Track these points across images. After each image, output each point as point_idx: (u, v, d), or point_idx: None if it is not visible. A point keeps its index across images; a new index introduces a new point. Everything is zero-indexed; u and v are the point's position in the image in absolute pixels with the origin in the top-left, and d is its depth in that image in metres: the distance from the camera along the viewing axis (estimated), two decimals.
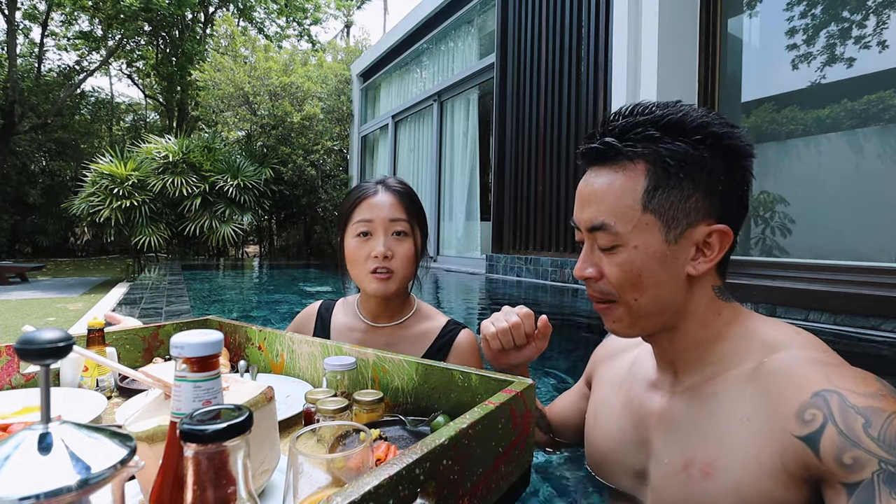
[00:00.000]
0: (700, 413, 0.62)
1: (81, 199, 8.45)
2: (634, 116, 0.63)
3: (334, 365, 0.82)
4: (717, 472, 0.57)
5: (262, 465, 0.56)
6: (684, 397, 0.66)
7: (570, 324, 3.05)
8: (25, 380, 0.98)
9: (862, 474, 0.47)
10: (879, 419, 0.48)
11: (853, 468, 0.47)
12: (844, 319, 2.59)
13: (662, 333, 0.66)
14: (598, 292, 0.66)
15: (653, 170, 0.60)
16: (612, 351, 0.88)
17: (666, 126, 0.60)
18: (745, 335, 0.63)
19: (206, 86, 10.79)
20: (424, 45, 8.08)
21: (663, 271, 0.61)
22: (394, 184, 1.11)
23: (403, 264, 1.06)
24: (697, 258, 0.62)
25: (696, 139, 0.60)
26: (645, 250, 0.61)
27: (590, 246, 0.65)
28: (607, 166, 0.64)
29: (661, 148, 0.60)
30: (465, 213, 7.03)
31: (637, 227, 0.61)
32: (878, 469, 0.46)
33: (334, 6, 18.43)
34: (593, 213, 0.63)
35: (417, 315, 1.17)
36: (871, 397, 0.50)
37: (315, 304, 1.26)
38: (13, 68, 14.22)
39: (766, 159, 3.48)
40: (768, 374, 0.57)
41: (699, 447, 0.60)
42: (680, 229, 0.61)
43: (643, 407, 0.71)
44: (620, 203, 0.61)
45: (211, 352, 0.42)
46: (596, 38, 4.43)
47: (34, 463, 0.31)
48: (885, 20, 2.87)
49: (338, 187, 10.97)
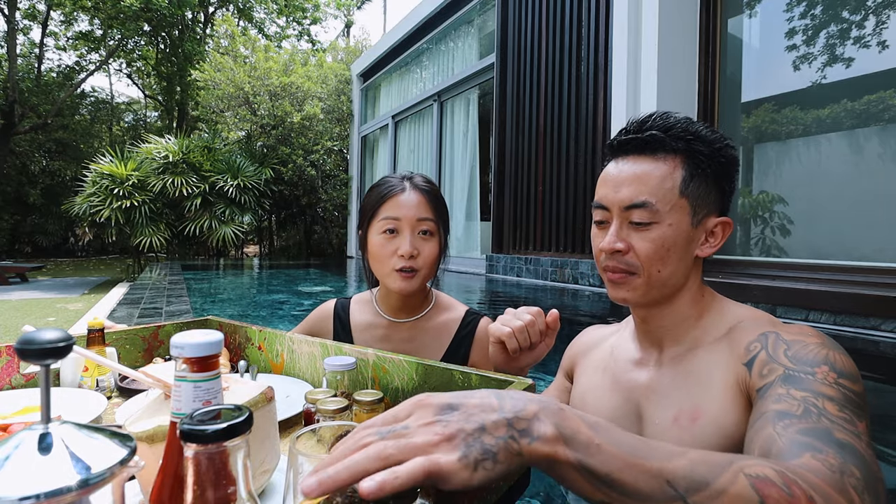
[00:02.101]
0: (683, 375, 0.73)
1: (82, 200, 8.46)
2: (667, 120, 0.75)
3: (334, 365, 0.82)
4: (702, 416, 0.68)
5: (262, 465, 0.56)
6: (669, 366, 0.76)
7: (570, 323, 3.05)
8: (25, 380, 0.98)
9: (771, 378, 0.59)
10: (797, 346, 0.62)
11: (767, 377, 0.60)
12: (844, 319, 2.59)
13: (661, 306, 0.77)
14: (622, 264, 0.74)
15: (688, 164, 0.72)
16: (589, 342, 0.95)
17: (695, 133, 0.73)
18: (721, 312, 0.76)
19: (206, 86, 10.80)
20: (424, 46, 8.08)
21: (685, 249, 0.73)
22: (421, 182, 1.11)
23: (428, 263, 1.06)
24: (706, 243, 0.75)
25: (717, 147, 0.73)
26: (676, 228, 0.72)
27: (620, 223, 0.74)
28: (647, 156, 0.74)
29: (694, 147, 0.72)
30: (465, 214, 7.03)
31: (674, 208, 0.71)
32: (781, 374, 0.59)
33: (334, 6, 18.43)
34: (634, 192, 0.72)
35: (437, 307, 1.17)
36: (800, 335, 0.63)
37: (329, 304, 1.24)
38: (13, 68, 14.23)
39: (766, 159, 3.48)
40: (734, 332, 0.71)
41: (685, 401, 0.71)
42: (701, 216, 0.73)
43: (631, 382, 0.80)
44: (662, 186, 0.71)
45: (211, 352, 0.42)
46: (596, 38, 4.43)
47: (34, 463, 0.31)
48: (885, 20, 2.87)
49: (338, 187, 10.97)
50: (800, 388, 0.55)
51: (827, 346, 0.61)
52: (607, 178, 0.76)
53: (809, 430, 0.49)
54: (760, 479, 0.39)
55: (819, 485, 0.40)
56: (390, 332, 1.14)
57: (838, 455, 0.44)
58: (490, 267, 5.72)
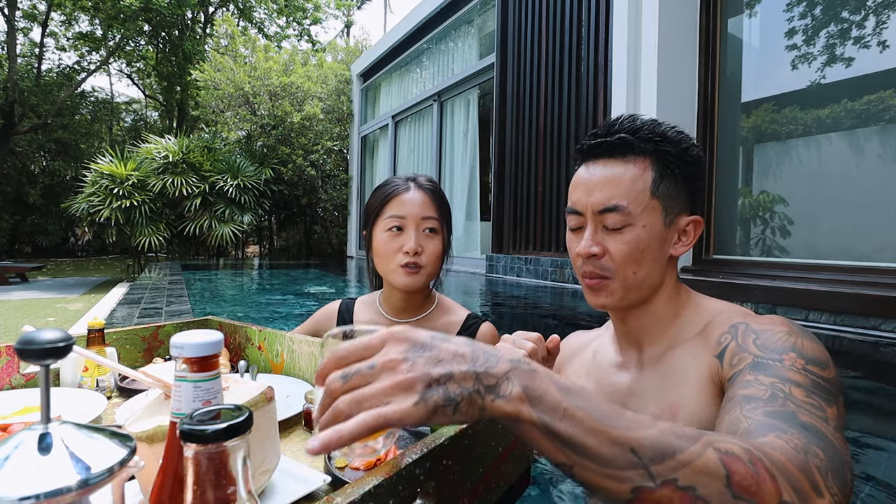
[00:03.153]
0: (662, 374, 0.74)
1: (81, 199, 8.45)
2: (634, 122, 0.75)
3: None
4: (681, 410, 0.68)
5: (262, 465, 0.56)
6: (649, 367, 0.77)
7: (570, 324, 3.05)
8: (25, 380, 0.98)
9: (740, 367, 0.60)
10: (766, 334, 0.63)
11: (737, 365, 0.61)
12: (844, 319, 2.59)
13: (638, 307, 0.77)
14: (597, 269, 0.74)
15: (657, 165, 0.73)
16: (573, 349, 0.95)
17: (662, 134, 0.74)
18: (697, 309, 0.77)
19: (205, 86, 10.79)
20: (424, 46, 8.08)
21: (659, 249, 0.73)
22: (425, 182, 1.13)
23: (432, 260, 1.09)
24: (679, 242, 0.76)
25: (684, 147, 0.74)
26: (650, 230, 0.72)
27: (594, 227, 0.75)
28: (617, 159, 0.74)
29: (662, 148, 0.73)
30: (465, 214, 7.02)
31: (646, 209, 0.72)
32: (750, 361, 0.59)
33: (334, 6, 18.44)
34: (606, 196, 0.73)
35: (439, 309, 1.19)
36: (769, 324, 0.64)
37: (334, 304, 1.26)
38: (13, 68, 14.23)
39: (766, 159, 3.48)
40: (708, 327, 0.72)
41: (665, 397, 0.71)
42: (672, 216, 0.74)
43: (613, 386, 0.80)
44: (633, 188, 0.72)
45: (211, 352, 0.42)
46: (596, 38, 4.43)
47: (34, 463, 0.31)
48: (885, 20, 2.87)
49: (338, 187, 10.97)
50: (767, 375, 0.56)
51: (795, 334, 0.62)
52: (579, 183, 0.77)
53: (775, 413, 0.49)
54: (729, 454, 0.39)
55: (783, 463, 0.40)
56: None
57: (802, 436, 0.45)
58: (490, 267, 5.72)
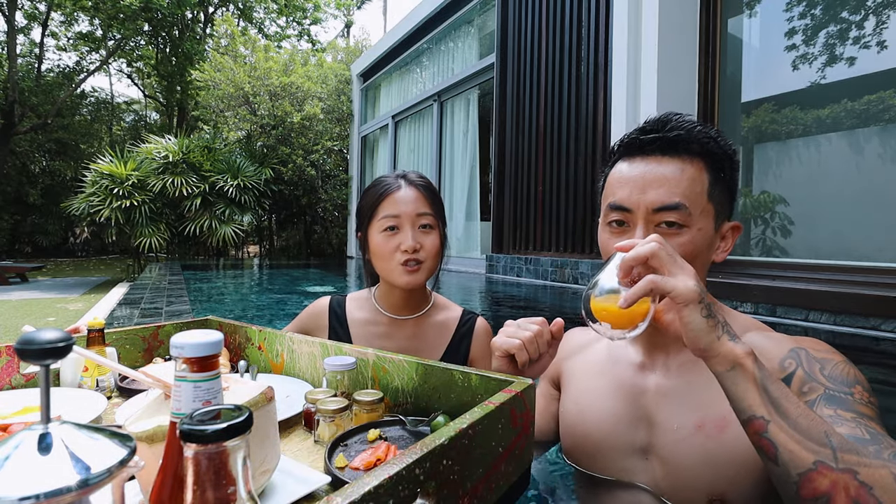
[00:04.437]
0: (701, 381, 0.71)
1: (81, 199, 8.45)
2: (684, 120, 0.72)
3: (334, 365, 0.82)
4: (730, 426, 0.66)
5: (262, 465, 0.56)
6: (680, 371, 0.74)
7: (569, 324, 3.05)
8: (25, 380, 0.98)
9: (813, 396, 0.63)
10: (829, 365, 0.65)
11: (808, 394, 0.63)
12: (844, 319, 2.59)
13: None
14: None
15: (710, 168, 0.70)
16: (578, 344, 0.92)
17: (712, 136, 0.71)
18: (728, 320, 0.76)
19: (205, 86, 10.79)
20: (424, 46, 8.08)
21: (707, 255, 0.71)
22: (415, 178, 1.13)
23: (431, 255, 1.09)
24: (719, 248, 0.73)
25: (732, 151, 0.72)
26: (704, 234, 0.70)
27: (646, 226, 0.70)
28: (672, 157, 0.70)
29: (714, 150, 0.70)
30: (465, 214, 7.02)
31: (703, 212, 0.69)
32: (822, 393, 0.62)
33: (334, 6, 18.42)
34: (666, 193, 0.69)
35: (436, 306, 1.20)
36: (825, 352, 0.67)
37: (323, 300, 1.24)
38: (13, 68, 14.22)
39: (766, 159, 3.48)
40: (751, 344, 0.69)
41: (708, 408, 0.69)
42: (720, 221, 0.71)
43: (636, 387, 0.77)
44: (693, 189, 0.69)
45: (211, 352, 0.42)
46: (596, 38, 4.43)
47: (34, 463, 0.31)
48: (885, 20, 2.87)
49: (338, 187, 10.97)
50: (845, 409, 0.59)
51: (849, 363, 0.65)
52: (628, 179, 0.72)
53: None
54: None
55: None
56: (392, 330, 1.16)
57: None
58: (490, 267, 5.72)
